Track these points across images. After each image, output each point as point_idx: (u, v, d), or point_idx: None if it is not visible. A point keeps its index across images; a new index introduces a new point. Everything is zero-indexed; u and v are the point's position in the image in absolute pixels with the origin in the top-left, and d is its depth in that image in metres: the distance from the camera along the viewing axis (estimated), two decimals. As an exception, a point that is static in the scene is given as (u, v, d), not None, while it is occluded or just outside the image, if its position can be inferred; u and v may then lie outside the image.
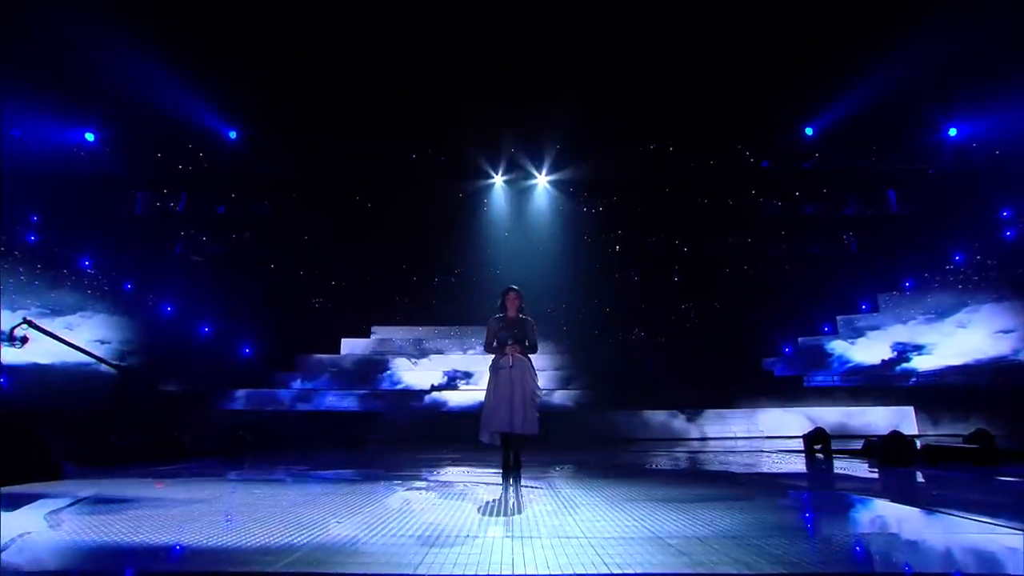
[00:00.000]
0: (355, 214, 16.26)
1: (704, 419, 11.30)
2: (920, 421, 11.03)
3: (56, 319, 12.29)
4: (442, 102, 14.63)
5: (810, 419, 10.66)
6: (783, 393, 12.39)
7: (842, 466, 6.05)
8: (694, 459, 7.03)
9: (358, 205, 16.34)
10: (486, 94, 14.16)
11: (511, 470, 4.84)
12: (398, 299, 15.97)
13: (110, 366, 11.45)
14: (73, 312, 13.00)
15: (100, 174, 15.03)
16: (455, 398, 12.62)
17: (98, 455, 6.28)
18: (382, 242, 16.04)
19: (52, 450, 5.14)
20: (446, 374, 13.81)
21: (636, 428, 11.14)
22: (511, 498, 3.78)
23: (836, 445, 7.32)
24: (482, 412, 4.92)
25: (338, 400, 12.60)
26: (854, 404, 11.72)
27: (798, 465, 6.25)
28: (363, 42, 13.92)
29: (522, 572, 2.03)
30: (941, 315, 14.16)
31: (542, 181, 16.69)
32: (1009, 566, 2.22)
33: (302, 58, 13.81)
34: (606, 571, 2.01)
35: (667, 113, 15.06)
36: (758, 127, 16.07)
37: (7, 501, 3.60)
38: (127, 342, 13.31)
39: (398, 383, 13.72)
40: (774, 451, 7.94)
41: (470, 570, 2.05)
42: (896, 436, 6.18)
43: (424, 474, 5.43)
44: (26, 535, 2.77)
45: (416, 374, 13.89)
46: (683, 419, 11.25)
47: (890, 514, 3.35)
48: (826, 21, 13.30)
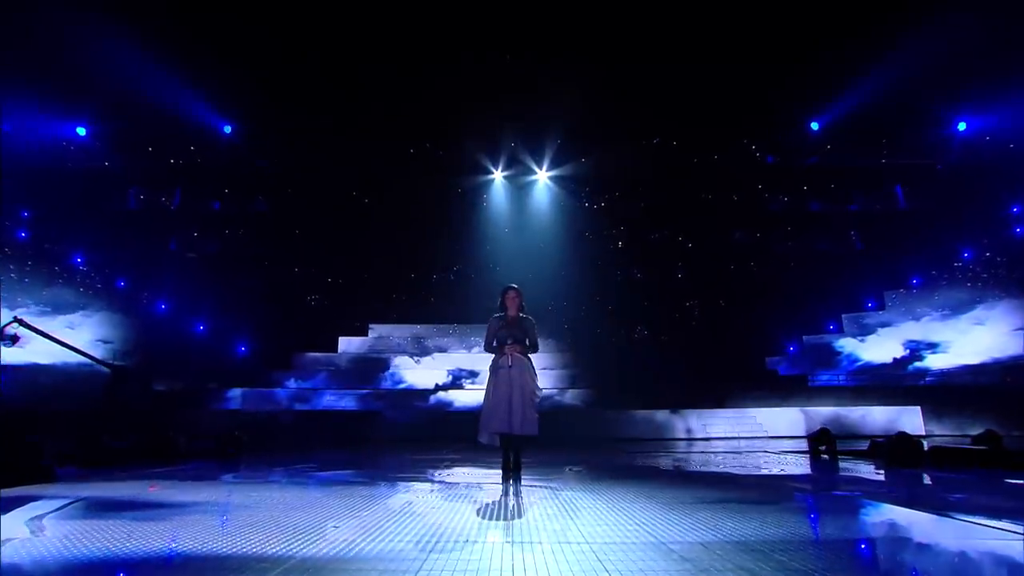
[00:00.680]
0: (352, 210, 16.09)
1: (707, 419, 11.15)
2: (927, 421, 10.88)
3: (47, 318, 12.12)
4: (440, 95, 14.42)
5: (814, 419, 10.54)
6: (787, 392, 12.23)
7: (847, 468, 5.99)
8: (696, 460, 6.95)
9: (355, 201, 16.18)
10: (485, 86, 13.96)
11: (511, 472, 4.81)
12: (395, 297, 15.82)
13: (102, 365, 11.27)
14: (65, 310, 12.84)
15: (92, 169, 14.85)
16: (461, 397, 12.41)
17: (90, 456, 6.21)
18: (380, 239, 15.87)
19: (43, 452, 5.06)
20: (451, 373, 13.63)
21: (637, 428, 10.99)
22: (511, 501, 3.78)
23: (841, 446, 7.24)
24: (481, 412, 4.91)
25: (336, 399, 12.44)
26: (859, 404, 11.56)
27: (802, 466, 6.19)
28: (360, 35, 13.72)
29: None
30: (951, 313, 13.97)
31: (543, 176, 16.46)
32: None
33: (299, 51, 13.66)
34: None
35: (671, 107, 14.83)
36: (764, 122, 15.85)
37: (-5, 505, 3.53)
38: (120, 341, 13.13)
39: (400, 382, 13.54)
40: (778, 452, 7.88)
41: (470, 576, 2.03)
42: (903, 437, 6.09)
43: (423, 475, 5.41)
44: (11, 542, 2.67)
45: (419, 373, 13.70)
46: (685, 419, 11.09)
47: (898, 519, 3.30)
48: (832, 12, 13.10)
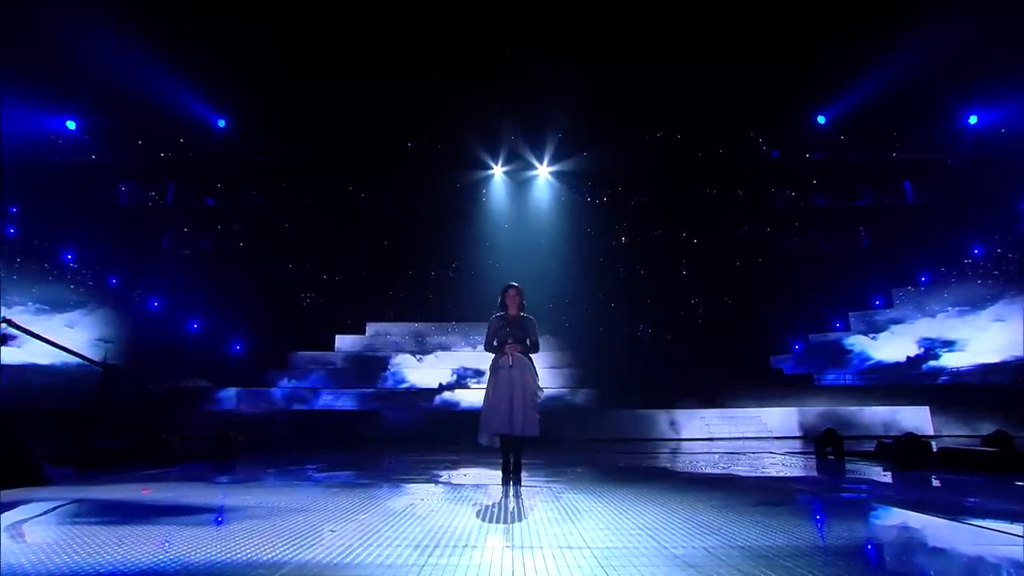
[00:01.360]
0: (349, 206, 15.90)
1: (711, 419, 10.93)
2: (936, 421, 10.65)
3: (37, 316, 11.88)
4: (439, 88, 14.17)
5: (820, 419, 10.33)
6: (792, 392, 12.03)
7: (854, 469, 5.89)
8: (700, 461, 6.81)
9: (351, 196, 15.97)
10: (485, 80, 13.73)
11: (511, 473, 4.73)
12: (393, 294, 15.61)
13: (94, 364, 11.04)
14: (56, 308, 12.59)
15: (83, 164, 14.63)
16: (467, 397, 12.14)
17: (82, 458, 6.05)
18: (377, 235, 15.68)
19: (34, 454, 4.93)
20: (455, 372, 13.40)
21: (639, 428, 10.80)
22: (512, 503, 3.76)
23: (848, 446, 7.13)
24: (481, 413, 4.82)
25: (333, 399, 12.22)
26: (866, 403, 11.35)
27: (808, 468, 6.10)
28: (358, 28, 13.50)
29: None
30: (969, 309, 13.66)
31: (543, 172, 16.23)
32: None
33: (295, 44, 13.45)
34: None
35: (674, 100, 14.58)
36: (769, 115, 15.61)
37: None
38: (112, 339, 12.89)
39: (403, 381, 13.33)
40: (783, 452, 7.74)
41: (470, 582, 2.03)
42: (911, 438, 5.98)
43: (422, 477, 5.32)
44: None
45: (422, 372, 13.48)
46: (688, 419, 10.86)
47: (907, 524, 3.24)
48: (840, 4, 12.86)
